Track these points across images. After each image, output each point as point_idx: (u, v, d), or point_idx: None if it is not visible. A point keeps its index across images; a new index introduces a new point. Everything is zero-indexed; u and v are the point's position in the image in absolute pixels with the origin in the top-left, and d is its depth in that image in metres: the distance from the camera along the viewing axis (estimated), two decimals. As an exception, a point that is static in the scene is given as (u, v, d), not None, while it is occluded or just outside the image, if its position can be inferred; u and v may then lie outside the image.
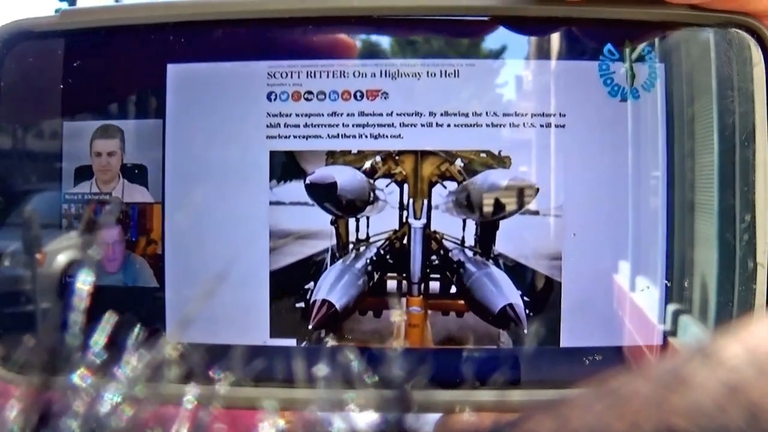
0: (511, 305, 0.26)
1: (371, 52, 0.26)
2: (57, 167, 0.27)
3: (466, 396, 0.25)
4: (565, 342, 0.26)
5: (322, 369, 0.26)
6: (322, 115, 0.26)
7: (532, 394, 0.25)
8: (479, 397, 0.25)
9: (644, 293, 0.26)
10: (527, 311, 0.26)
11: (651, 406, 0.12)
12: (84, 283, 0.27)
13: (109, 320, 0.26)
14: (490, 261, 0.26)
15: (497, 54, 0.26)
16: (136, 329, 0.26)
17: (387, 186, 0.26)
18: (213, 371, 0.25)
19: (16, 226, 0.27)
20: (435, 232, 0.26)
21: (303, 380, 0.26)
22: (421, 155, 0.26)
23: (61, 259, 0.27)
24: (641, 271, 0.26)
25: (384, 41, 0.26)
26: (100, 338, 0.26)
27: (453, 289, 0.27)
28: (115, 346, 0.26)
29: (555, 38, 0.26)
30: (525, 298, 0.26)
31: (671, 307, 0.26)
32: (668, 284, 0.26)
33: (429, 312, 0.26)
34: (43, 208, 0.27)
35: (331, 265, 0.27)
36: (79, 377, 0.25)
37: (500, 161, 0.26)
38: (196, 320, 0.26)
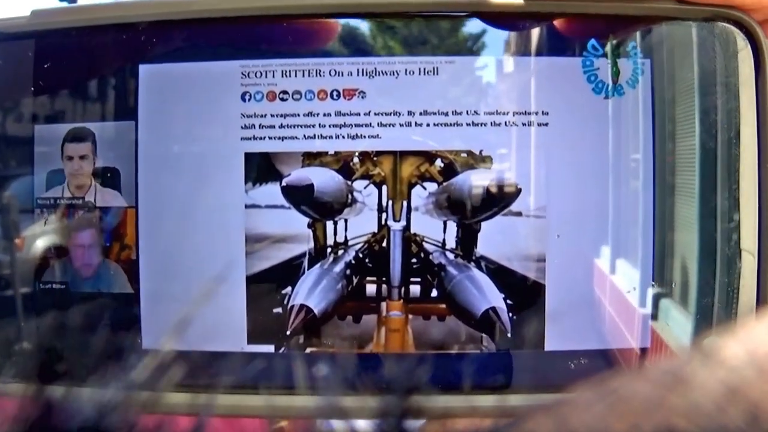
0: (494, 309, 0.25)
1: (347, 50, 0.25)
2: (28, 171, 0.26)
3: (448, 401, 0.24)
4: (549, 345, 0.25)
5: (300, 375, 0.26)
6: (298, 115, 0.25)
7: (516, 398, 0.25)
8: (462, 402, 0.24)
9: (630, 296, 0.25)
10: (510, 315, 0.25)
11: (651, 406, 0.12)
12: (57, 290, 0.27)
13: (83, 328, 0.25)
14: (472, 264, 0.26)
15: (478, 51, 0.25)
16: (112, 336, 0.26)
17: (365, 188, 0.26)
18: (190, 379, 0.25)
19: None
20: (415, 234, 0.26)
21: (282, 387, 0.25)
22: (399, 156, 0.26)
23: (34, 265, 0.26)
24: (627, 273, 0.25)
25: (360, 38, 0.25)
26: (73, 346, 0.26)
27: (434, 293, 0.26)
28: (89, 353, 0.25)
29: (537, 34, 0.25)
30: (508, 302, 0.25)
31: (658, 310, 0.25)
32: (654, 286, 0.25)
33: (410, 316, 0.26)
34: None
35: (308, 269, 0.26)
36: (54, 386, 0.25)
37: (481, 161, 0.25)
38: (171, 327, 0.26)
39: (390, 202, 0.26)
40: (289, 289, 0.26)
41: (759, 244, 0.24)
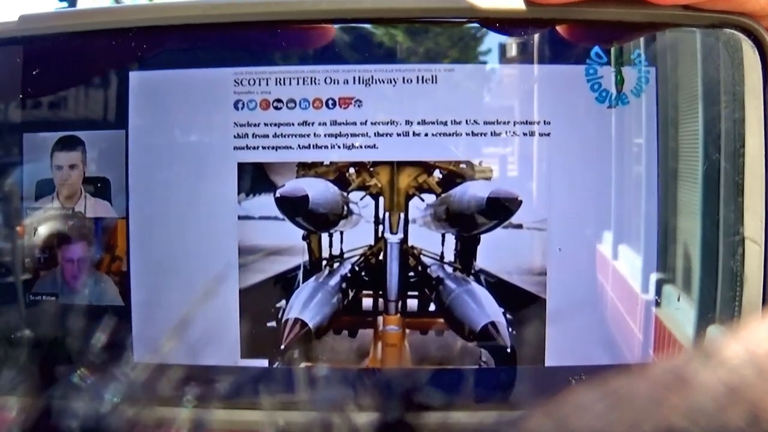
0: (493, 323, 0.25)
1: (343, 58, 0.24)
2: (17, 181, 0.26)
3: (446, 417, 0.24)
4: (550, 361, 0.25)
5: (295, 390, 0.25)
6: (293, 124, 0.25)
7: (515, 415, 0.24)
8: (460, 419, 0.24)
9: (633, 310, 0.25)
10: (510, 330, 0.25)
11: (651, 406, 0.12)
12: (47, 302, 0.26)
13: (73, 341, 0.25)
14: (471, 277, 0.25)
15: (478, 58, 0.25)
16: (102, 350, 0.26)
17: (361, 199, 0.25)
18: (181, 393, 0.24)
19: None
20: (412, 247, 0.25)
21: (276, 402, 0.25)
22: (397, 166, 0.25)
23: (24, 278, 0.26)
24: (630, 288, 0.25)
25: (357, 46, 0.25)
26: (63, 359, 0.25)
27: (432, 307, 0.25)
28: (80, 367, 0.25)
29: (539, 41, 0.25)
30: (508, 316, 0.25)
31: (662, 324, 0.25)
32: (659, 300, 0.25)
33: (407, 331, 0.25)
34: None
35: (303, 282, 0.25)
36: (45, 399, 0.24)
37: (481, 172, 0.25)
38: (163, 340, 0.25)
39: (387, 214, 0.25)
40: (283, 302, 0.25)
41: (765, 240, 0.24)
